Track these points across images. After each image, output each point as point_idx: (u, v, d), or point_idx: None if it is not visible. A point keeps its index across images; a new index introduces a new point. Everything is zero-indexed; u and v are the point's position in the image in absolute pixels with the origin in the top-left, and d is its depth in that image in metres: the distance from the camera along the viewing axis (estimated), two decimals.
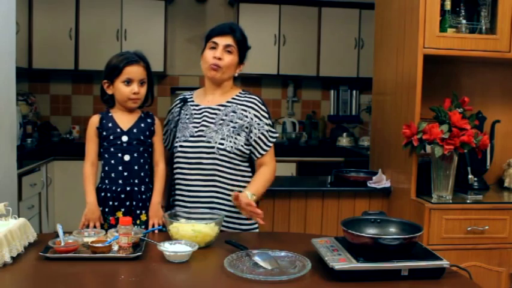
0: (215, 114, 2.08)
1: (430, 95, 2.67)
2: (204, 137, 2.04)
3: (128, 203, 1.98)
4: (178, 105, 2.18)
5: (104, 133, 1.98)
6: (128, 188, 1.98)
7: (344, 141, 5.22)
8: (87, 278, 1.48)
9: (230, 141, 2.02)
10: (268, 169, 2.09)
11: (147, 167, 2.03)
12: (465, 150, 2.39)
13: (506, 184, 2.89)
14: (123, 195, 1.97)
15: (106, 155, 1.99)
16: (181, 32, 5.30)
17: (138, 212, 1.98)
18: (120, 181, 1.97)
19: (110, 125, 1.99)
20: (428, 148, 2.47)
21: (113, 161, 1.98)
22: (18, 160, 2.57)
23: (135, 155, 1.98)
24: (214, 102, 2.11)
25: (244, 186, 2.05)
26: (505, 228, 2.46)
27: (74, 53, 4.78)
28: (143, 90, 2.00)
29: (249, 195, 1.92)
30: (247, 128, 2.06)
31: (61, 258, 1.57)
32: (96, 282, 1.48)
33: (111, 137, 1.98)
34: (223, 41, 2.04)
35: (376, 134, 3.13)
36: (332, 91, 5.57)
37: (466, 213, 2.43)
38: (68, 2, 4.74)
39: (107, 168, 1.99)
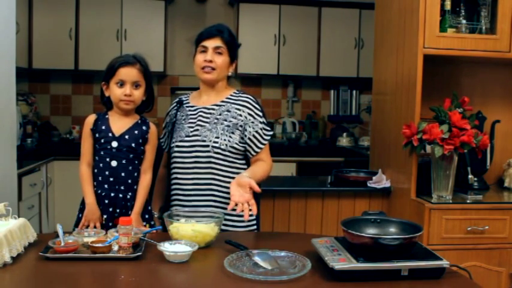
0: (210, 113, 2.10)
1: (430, 95, 2.67)
2: (199, 136, 2.06)
3: (111, 209, 1.95)
4: (175, 108, 2.21)
5: (97, 135, 1.96)
6: (112, 194, 1.95)
7: (344, 141, 5.22)
8: (87, 278, 1.48)
9: (224, 140, 2.04)
10: (265, 162, 2.12)
11: (136, 174, 1.99)
12: (465, 150, 2.39)
13: (506, 184, 2.89)
14: (106, 201, 1.95)
15: (96, 158, 1.97)
16: (181, 32, 5.29)
17: None
18: (106, 186, 1.95)
19: (103, 127, 1.96)
20: (428, 148, 2.47)
21: (101, 165, 1.95)
22: (18, 160, 2.57)
23: (124, 161, 1.95)
24: (209, 103, 2.14)
25: None
26: (505, 228, 2.46)
27: (74, 53, 4.77)
28: (137, 93, 1.96)
29: (245, 174, 1.94)
30: (241, 126, 2.07)
31: (61, 258, 1.57)
32: (96, 282, 1.47)
33: (102, 141, 1.95)
34: (212, 43, 2.08)
35: (376, 134, 3.13)
36: (332, 91, 5.57)
37: (466, 213, 2.43)
38: (68, 2, 4.74)
39: (95, 171, 1.97)
